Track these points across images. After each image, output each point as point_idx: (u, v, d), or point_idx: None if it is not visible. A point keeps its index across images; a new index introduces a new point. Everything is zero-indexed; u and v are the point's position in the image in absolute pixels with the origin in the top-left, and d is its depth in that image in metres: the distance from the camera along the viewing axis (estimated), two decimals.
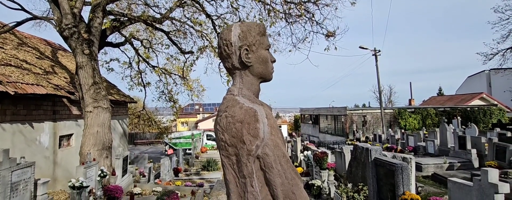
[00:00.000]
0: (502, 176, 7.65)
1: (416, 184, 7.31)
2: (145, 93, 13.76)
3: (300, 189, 1.05)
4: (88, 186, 5.62)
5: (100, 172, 6.22)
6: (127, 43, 10.93)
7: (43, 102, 7.76)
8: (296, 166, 11.16)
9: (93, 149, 6.81)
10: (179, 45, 10.79)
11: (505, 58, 16.60)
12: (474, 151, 9.98)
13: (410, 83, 34.78)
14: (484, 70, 30.61)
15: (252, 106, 1.12)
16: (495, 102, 26.51)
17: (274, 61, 1.35)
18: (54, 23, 7.08)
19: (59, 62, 10.92)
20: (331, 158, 9.13)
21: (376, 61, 19.67)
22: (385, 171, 4.29)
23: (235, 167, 1.12)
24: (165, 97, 15.63)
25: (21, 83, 6.70)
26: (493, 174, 3.53)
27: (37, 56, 9.68)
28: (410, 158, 4.83)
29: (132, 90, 15.13)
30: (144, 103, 15.82)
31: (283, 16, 8.17)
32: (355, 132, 22.94)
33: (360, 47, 19.42)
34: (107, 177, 6.64)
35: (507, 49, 16.40)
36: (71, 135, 9.07)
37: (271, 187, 1.05)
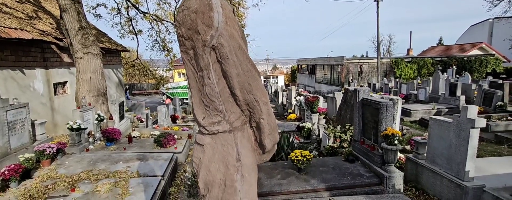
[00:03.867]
0: (486, 119, 7.98)
1: (402, 126, 7.66)
2: (138, 41, 13.48)
3: (256, 80, 1.08)
4: (86, 128, 5.84)
5: (97, 116, 6.40)
6: None
7: (31, 49, 7.58)
8: (290, 113, 11.51)
9: (88, 95, 6.90)
10: None
11: (511, 4, 15.89)
12: (462, 97, 10.20)
13: (410, 32, 33.97)
14: (488, 19, 29.60)
15: None
16: (493, 52, 26.25)
17: None
18: None
19: (43, 7, 10.35)
20: (323, 105, 9.37)
21: (378, 7, 18.87)
22: (371, 111, 4.44)
23: (193, 62, 1.12)
24: (158, 46, 15.30)
25: (4, 27, 6.45)
26: (472, 111, 3.67)
27: (17, 0, 9.14)
28: (397, 99, 4.96)
29: (123, 38, 14.71)
30: (137, 52, 15.53)
31: None
32: (351, 81, 23.11)
33: None
34: (105, 121, 6.85)
35: None
36: (65, 82, 9.08)
37: (228, 78, 1.07)
